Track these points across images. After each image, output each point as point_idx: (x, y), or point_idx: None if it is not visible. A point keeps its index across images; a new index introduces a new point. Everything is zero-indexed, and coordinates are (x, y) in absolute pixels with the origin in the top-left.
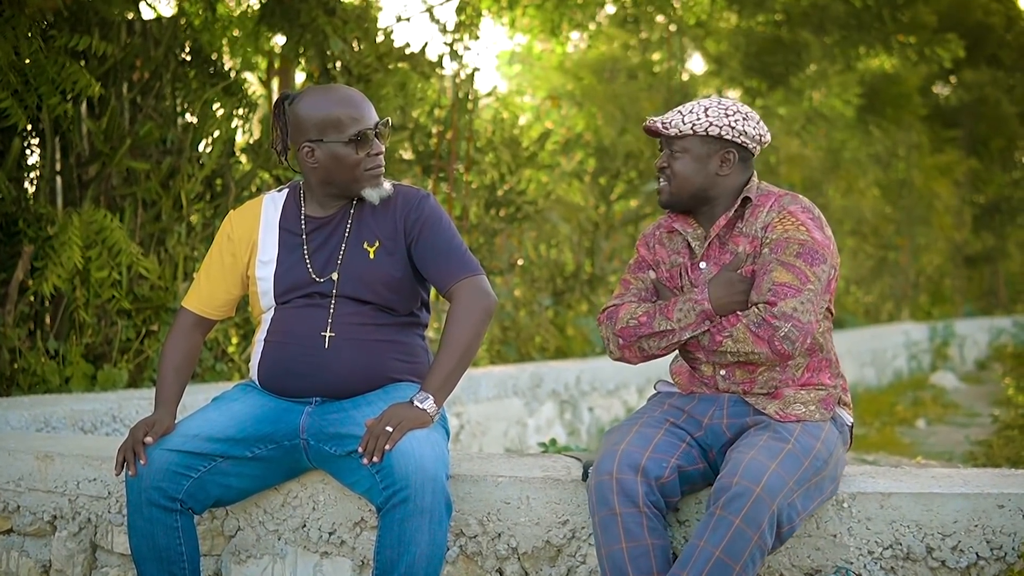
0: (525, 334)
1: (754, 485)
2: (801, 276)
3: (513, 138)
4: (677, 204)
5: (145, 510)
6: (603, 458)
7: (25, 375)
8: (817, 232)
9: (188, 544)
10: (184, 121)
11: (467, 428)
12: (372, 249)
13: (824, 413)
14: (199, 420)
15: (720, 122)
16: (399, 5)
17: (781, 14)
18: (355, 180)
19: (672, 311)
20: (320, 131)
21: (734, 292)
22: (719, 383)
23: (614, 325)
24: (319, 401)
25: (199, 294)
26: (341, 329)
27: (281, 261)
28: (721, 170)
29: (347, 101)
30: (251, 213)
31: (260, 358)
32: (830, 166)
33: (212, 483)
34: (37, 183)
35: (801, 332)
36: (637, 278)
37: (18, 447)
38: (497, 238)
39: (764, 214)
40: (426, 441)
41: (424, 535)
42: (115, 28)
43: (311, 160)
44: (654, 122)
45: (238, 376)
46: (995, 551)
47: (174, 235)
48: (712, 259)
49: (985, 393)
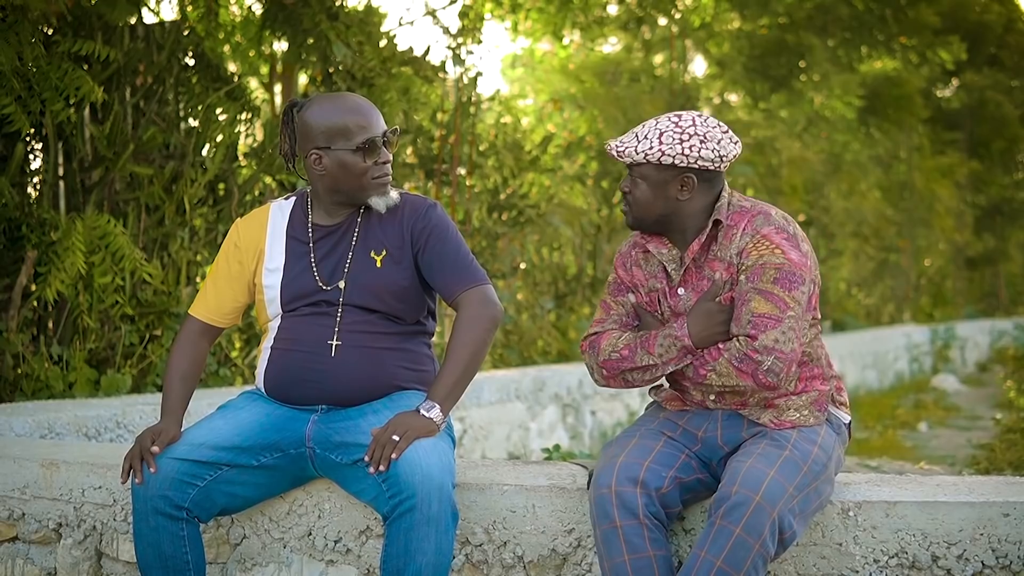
0: (527, 338)
1: (753, 493)
2: (780, 304)
3: (515, 142)
4: (642, 227)
5: (151, 518)
6: (602, 471)
7: (29, 380)
8: (793, 252)
9: (194, 552)
10: (187, 126)
11: (470, 432)
12: (379, 258)
13: (818, 416)
14: (205, 429)
15: (673, 150)
16: (402, 9)
17: (784, 17)
18: (362, 188)
19: (653, 345)
20: (328, 139)
21: (713, 324)
22: (710, 406)
23: (597, 356)
24: (325, 409)
25: (206, 302)
26: (348, 337)
27: (288, 269)
28: (681, 195)
29: (356, 109)
30: (258, 221)
31: (266, 366)
32: (832, 168)
33: (218, 492)
34: (40, 188)
35: (785, 363)
36: (617, 302)
37: (23, 454)
38: (499, 242)
39: (738, 238)
40: (432, 450)
41: (431, 544)
42: (118, 33)
43: (318, 167)
44: (610, 148)
45: (241, 381)
46: (1000, 560)
47: (177, 240)
48: (690, 285)
49: (986, 396)
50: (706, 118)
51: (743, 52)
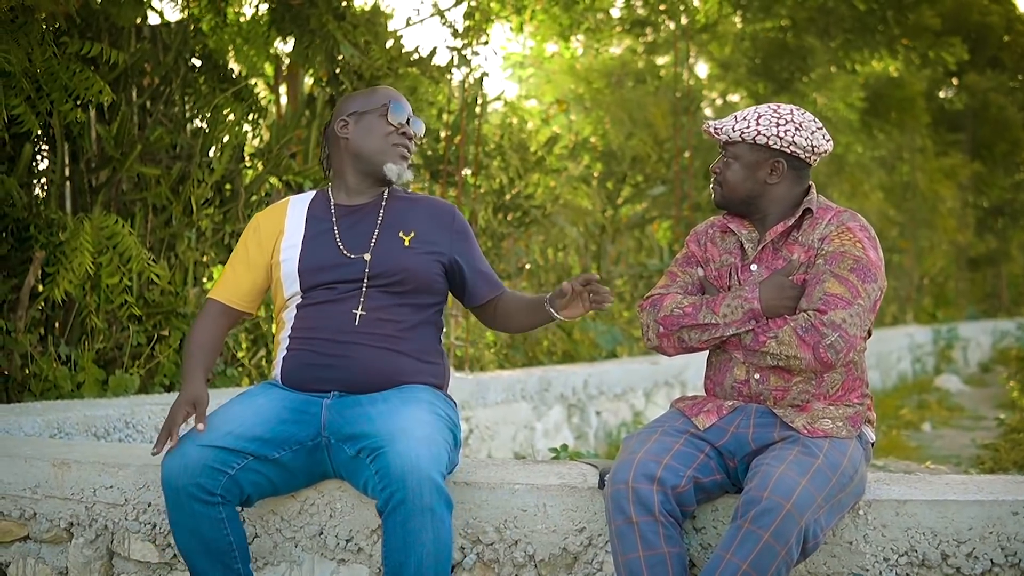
0: (532, 338)
1: (785, 501)
2: (853, 290)
3: (521, 143)
4: (728, 207)
5: (187, 505)
6: (619, 467)
7: (37, 381)
8: (872, 251)
9: (236, 534)
10: (194, 126)
11: (476, 432)
12: (408, 238)
13: (851, 430)
14: (229, 416)
15: (769, 131)
16: (410, 9)
17: (787, 19)
18: (382, 151)
19: (719, 306)
20: (358, 106)
21: (784, 296)
22: (752, 386)
23: (657, 312)
24: (337, 395)
25: (224, 284)
26: (368, 321)
27: (307, 242)
28: (770, 179)
29: (386, 91)
30: (278, 210)
31: (284, 355)
32: (834, 169)
33: (245, 480)
34: (48, 189)
35: (846, 344)
36: (685, 272)
37: (34, 454)
38: (505, 242)
39: (823, 226)
40: (423, 442)
41: (428, 533)
42: (125, 34)
43: (344, 133)
44: (708, 126)
45: (248, 382)
46: (1010, 558)
47: (184, 240)
48: (764, 263)
49: (989, 396)
50: (803, 111)
51: (746, 54)
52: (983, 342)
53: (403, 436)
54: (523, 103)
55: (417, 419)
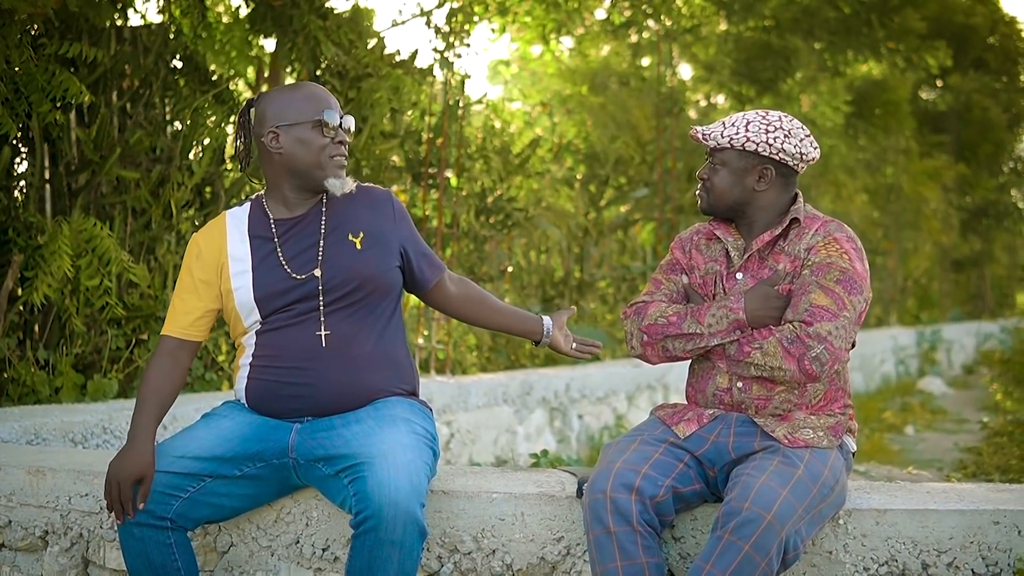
0: (515, 341)
1: (765, 512)
2: (839, 302)
3: (503, 145)
4: (715, 213)
5: (135, 530)
6: (598, 476)
7: (15, 385)
8: (858, 262)
9: (184, 558)
10: (174, 129)
11: (457, 436)
12: (358, 240)
13: (832, 440)
14: (187, 439)
15: (758, 138)
16: (393, 10)
17: (771, 20)
18: (319, 166)
19: (704, 315)
20: (286, 117)
21: (769, 307)
22: (734, 394)
23: (641, 320)
24: (309, 419)
25: (175, 317)
26: (335, 343)
27: (256, 267)
28: (758, 186)
29: (312, 92)
30: (216, 230)
31: (246, 383)
32: (819, 171)
33: (202, 502)
34: (27, 192)
35: (832, 356)
36: (669, 279)
37: (9, 461)
38: (487, 245)
39: (809, 236)
40: (403, 471)
41: (393, 564)
42: (105, 35)
43: (275, 147)
44: (696, 132)
45: (228, 386)
46: (991, 568)
47: (164, 243)
48: (750, 272)
49: (973, 398)
50: (791, 118)
51: (729, 55)
52: (967, 344)
53: (383, 461)
54: (506, 105)
55: (398, 442)
